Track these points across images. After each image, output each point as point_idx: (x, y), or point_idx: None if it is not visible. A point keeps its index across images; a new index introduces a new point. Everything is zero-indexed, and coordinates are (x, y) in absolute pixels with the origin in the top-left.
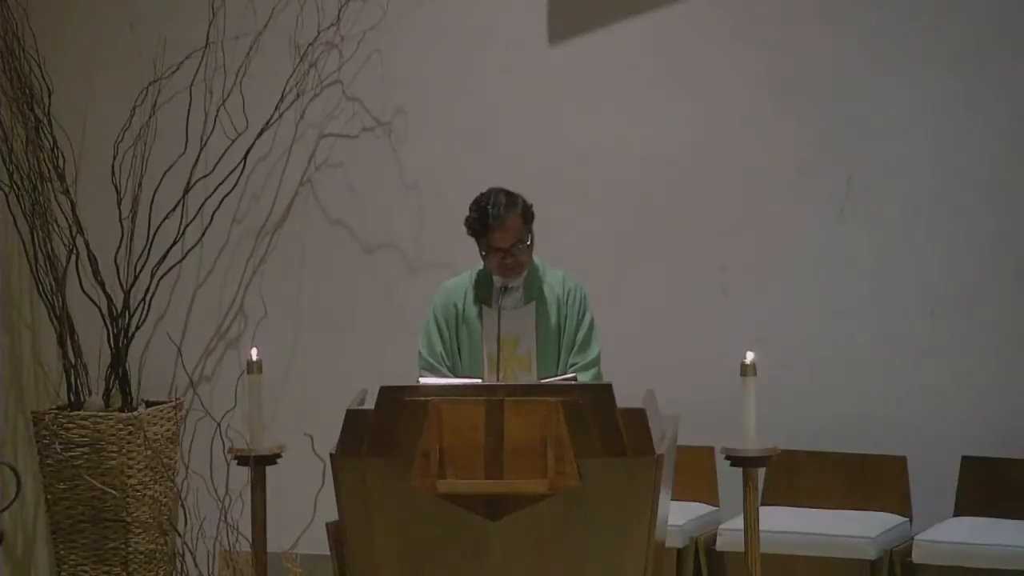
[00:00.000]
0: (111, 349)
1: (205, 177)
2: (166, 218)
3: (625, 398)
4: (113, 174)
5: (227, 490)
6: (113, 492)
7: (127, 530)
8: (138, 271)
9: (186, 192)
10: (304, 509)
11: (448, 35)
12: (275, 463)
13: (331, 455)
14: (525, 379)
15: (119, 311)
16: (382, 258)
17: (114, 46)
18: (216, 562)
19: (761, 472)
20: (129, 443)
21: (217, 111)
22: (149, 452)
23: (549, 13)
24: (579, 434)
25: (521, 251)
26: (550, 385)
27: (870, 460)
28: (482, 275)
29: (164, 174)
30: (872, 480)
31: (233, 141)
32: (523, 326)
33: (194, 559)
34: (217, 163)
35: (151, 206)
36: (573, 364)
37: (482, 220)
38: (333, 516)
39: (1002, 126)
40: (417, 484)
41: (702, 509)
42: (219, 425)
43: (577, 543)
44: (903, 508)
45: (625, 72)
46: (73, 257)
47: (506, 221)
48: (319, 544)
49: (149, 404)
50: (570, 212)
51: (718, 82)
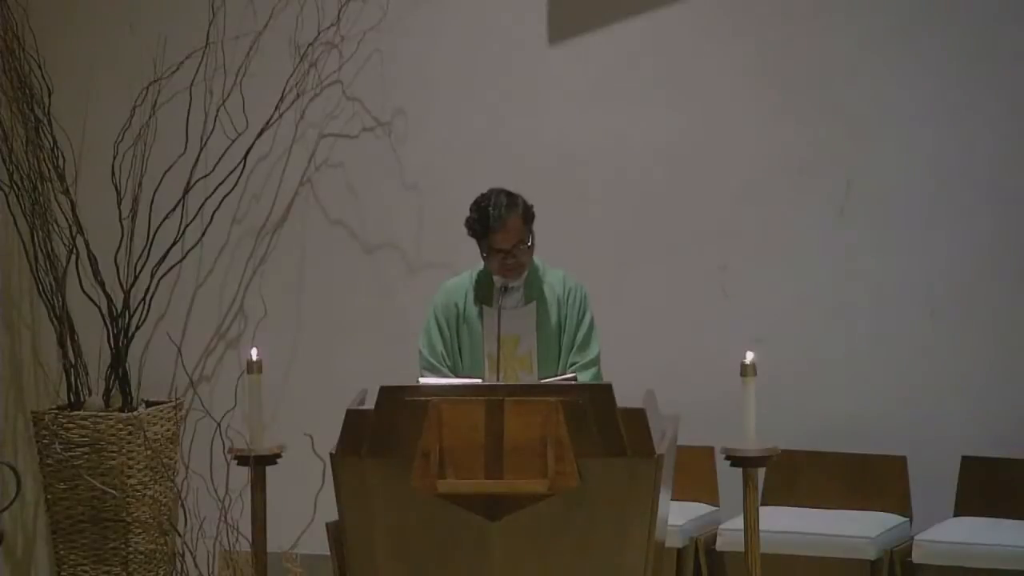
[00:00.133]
0: (111, 349)
1: (205, 177)
2: (166, 218)
3: (625, 398)
4: (113, 174)
5: (227, 490)
6: (113, 492)
7: (127, 530)
8: (138, 271)
9: (186, 192)
10: (304, 509)
11: (448, 35)
12: (275, 463)
13: (331, 455)
14: (526, 379)
15: (119, 311)
16: (382, 258)
17: (114, 46)
18: (216, 562)
19: (761, 472)
20: (129, 443)
21: (217, 111)
22: (149, 452)
23: (549, 13)
24: (579, 434)
25: (522, 252)
26: (550, 385)
27: (870, 460)
28: (482, 275)
29: (164, 174)
30: (872, 480)
31: (233, 141)
32: (523, 326)
33: (194, 559)
34: (217, 163)
35: (151, 206)
36: (573, 363)
37: (483, 221)
38: (333, 516)
39: (1002, 126)
40: (417, 484)
41: (702, 509)
42: (219, 425)
43: (577, 543)
44: (903, 508)
45: (625, 72)
46: (73, 257)
47: (507, 222)
48: (319, 544)
49: (149, 404)
50: (570, 212)
51: (718, 82)
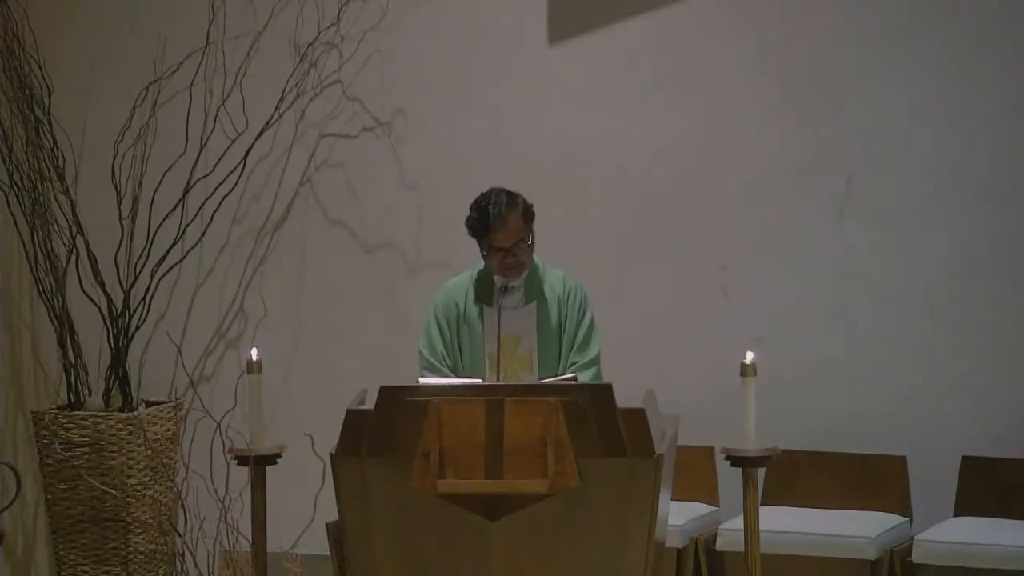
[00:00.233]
0: (111, 349)
1: (205, 177)
2: (166, 218)
3: (625, 398)
4: (113, 174)
5: (227, 490)
6: (113, 492)
7: (127, 530)
8: (138, 271)
9: (186, 192)
10: (304, 509)
11: (448, 35)
12: (275, 463)
13: (331, 455)
14: (526, 379)
15: (119, 311)
16: (382, 258)
17: (114, 46)
18: (216, 562)
19: (761, 472)
20: (129, 443)
21: (217, 111)
22: (149, 452)
23: (549, 13)
24: (579, 434)
25: (522, 251)
26: (550, 385)
27: (870, 460)
28: (483, 275)
29: (164, 174)
30: (872, 480)
31: (233, 141)
32: (524, 326)
33: (194, 559)
34: (217, 163)
35: (151, 206)
36: (573, 363)
37: (483, 220)
38: (333, 516)
39: (1002, 126)
40: (417, 484)
41: (702, 509)
42: (219, 425)
43: (577, 543)
44: (903, 508)
45: (625, 72)
46: (73, 257)
47: (507, 221)
48: (319, 544)
49: (149, 404)
50: (570, 212)
51: (718, 82)
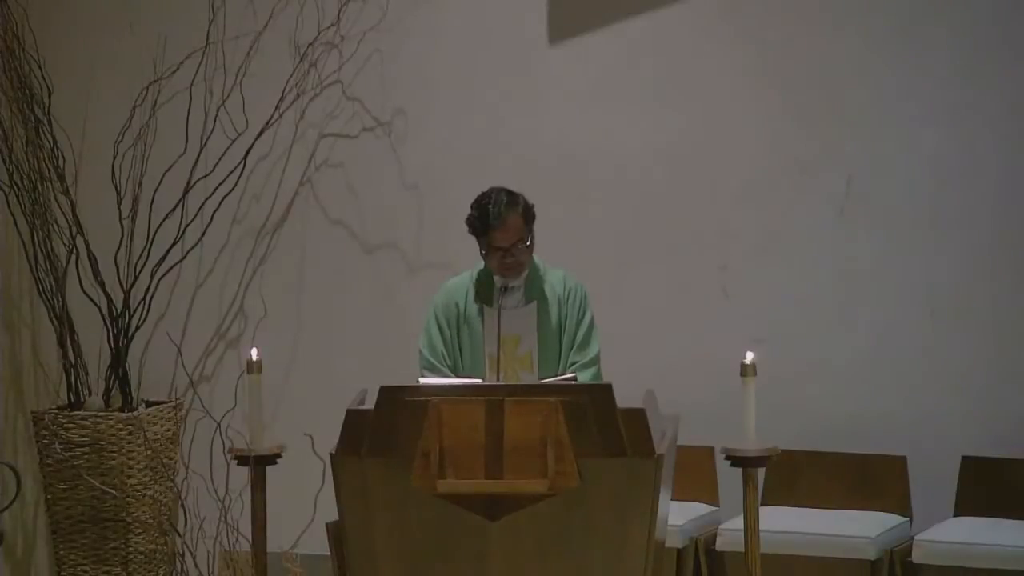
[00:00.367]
0: (111, 349)
1: (205, 177)
2: (166, 218)
3: (625, 398)
4: (113, 174)
5: (227, 490)
6: (113, 492)
7: (127, 530)
8: (138, 271)
9: (186, 192)
10: (304, 509)
11: (448, 35)
12: (275, 463)
13: (331, 455)
14: (526, 379)
15: (119, 311)
16: (382, 258)
17: (114, 46)
18: (216, 562)
19: (761, 472)
20: (129, 443)
21: (217, 111)
22: (149, 452)
23: (549, 13)
24: (579, 434)
25: (522, 251)
26: (550, 385)
27: (870, 460)
28: (483, 275)
29: (164, 174)
30: (872, 480)
31: (233, 141)
32: (524, 326)
33: (194, 559)
34: (217, 163)
35: (151, 206)
36: (573, 363)
37: (483, 219)
38: (333, 516)
39: (1002, 126)
40: (417, 484)
41: (702, 509)
42: (219, 425)
43: (577, 543)
44: (903, 508)
45: (625, 72)
46: (73, 257)
47: (507, 220)
48: (319, 544)
49: (149, 404)
50: (570, 212)
51: (718, 82)
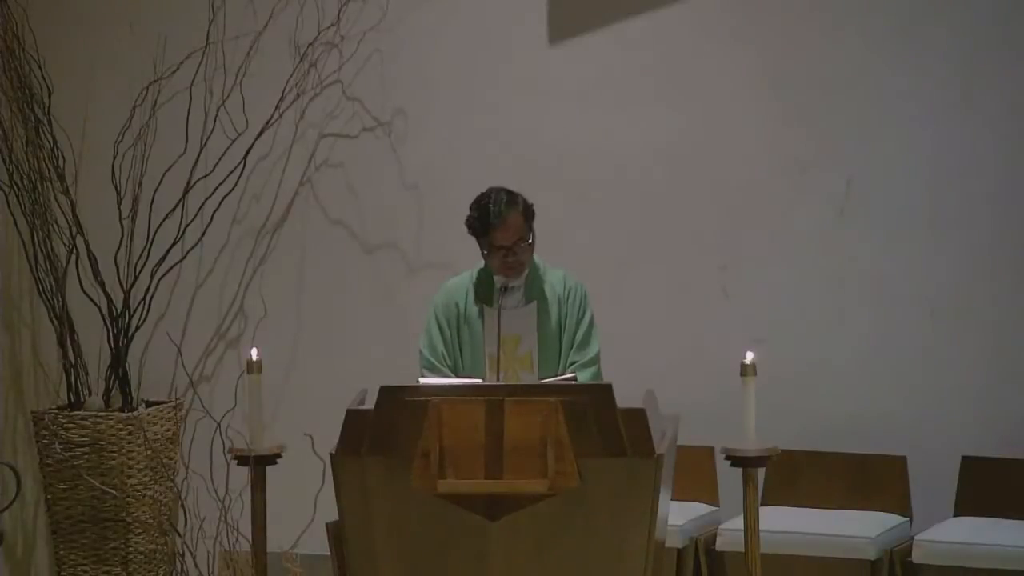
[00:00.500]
0: (111, 349)
1: (205, 177)
2: (166, 218)
3: (625, 398)
4: (113, 174)
5: (227, 490)
6: (113, 492)
7: (127, 530)
8: (138, 271)
9: (186, 192)
10: (304, 509)
11: (448, 35)
12: (275, 463)
13: (331, 455)
14: (527, 379)
15: (119, 311)
16: (382, 258)
17: (114, 46)
18: (216, 562)
19: (761, 472)
20: (129, 443)
21: (217, 111)
22: (149, 452)
23: (549, 13)
24: (579, 434)
25: (522, 249)
26: (550, 385)
27: (870, 460)
28: (483, 274)
29: (164, 174)
30: (872, 480)
31: (233, 141)
32: (524, 326)
33: (194, 559)
34: (217, 163)
35: (151, 206)
36: (573, 362)
37: (483, 218)
38: (333, 516)
39: (1002, 126)
40: (417, 484)
41: (702, 509)
42: (219, 425)
43: (577, 543)
44: (903, 508)
45: (625, 72)
46: (73, 257)
47: (507, 218)
48: (319, 544)
49: (149, 404)
50: (570, 212)
51: (718, 82)
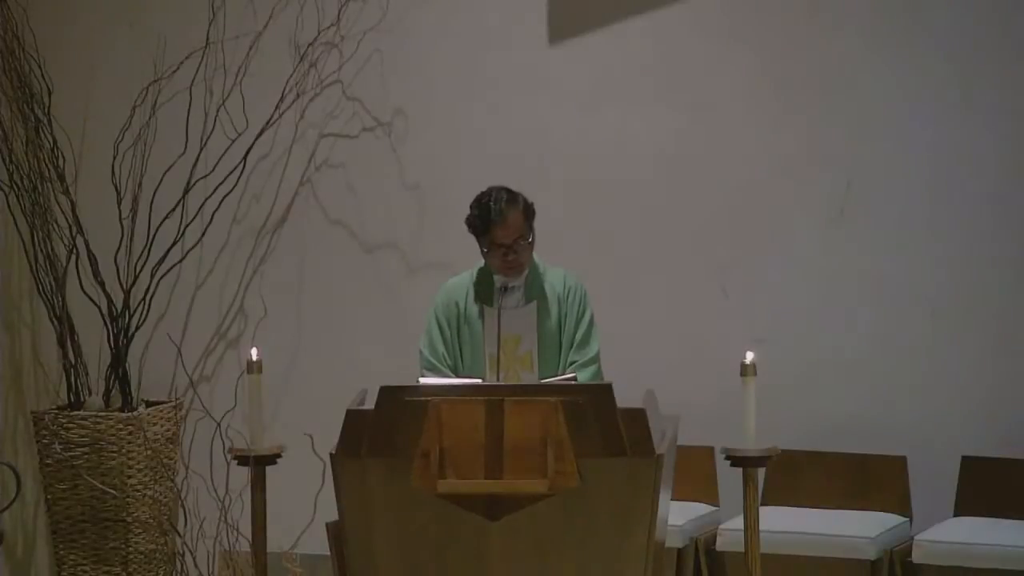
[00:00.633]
0: (111, 349)
1: (205, 177)
2: (166, 218)
3: (625, 398)
4: (113, 174)
5: (227, 490)
6: (113, 492)
7: (127, 530)
8: (138, 271)
9: (186, 192)
10: (304, 509)
11: (448, 35)
12: (275, 463)
13: (331, 455)
14: (527, 378)
15: (119, 311)
16: (382, 258)
17: (114, 46)
18: (216, 562)
19: (761, 472)
20: (129, 443)
21: (217, 111)
22: (149, 452)
23: (549, 13)
24: (579, 434)
25: (523, 248)
26: (550, 385)
27: (870, 460)
28: (483, 274)
29: (164, 174)
30: (872, 480)
31: (233, 141)
32: (524, 325)
33: (194, 559)
34: (217, 163)
35: (151, 206)
36: (572, 362)
37: (484, 216)
38: (333, 516)
39: (1002, 126)
40: (417, 484)
41: (702, 509)
42: (219, 425)
43: (577, 543)
44: (903, 508)
45: (625, 72)
46: (73, 257)
47: (508, 217)
48: (319, 544)
49: (149, 404)
50: (570, 212)
51: (718, 82)
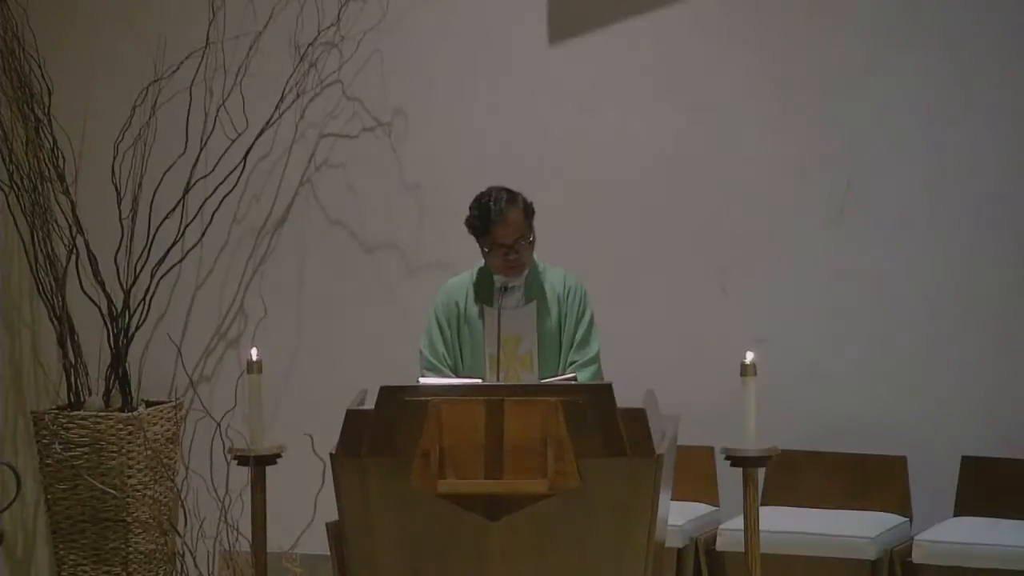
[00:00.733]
0: (111, 349)
1: (205, 177)
2: (166, 218)
3: (625, 398)
4: (113, 174)
5: (227, 490)
6: (113, 492)
7: (127, 530)
8: (138, 271)
9: (186, 192)
10: (304, 509)
11: (448, 35)
12: (275, 463)
13: (331, 455)
14: (527, 379)
15: (119, 311)
16: (382, 258)
17: (114, 46)
18: (216, 562)
19: (761, 472)
20: (129, 443)
21: (217, 111)
22: (149, 452)
23: (549, 13)
24: (579, 434)
25: (523, 248)
26: (550, 385)
27: (870, 460)
28: (483, 274)
29: (164, 174)
30: (872, 480)
31: (233, 141)
32: (524, 325)
33: (194, 559)
34: (217, 163)
35: (151, 206)
36: (572, 361)
37: (484, 216)
38: (333, 516)
39: (1002, 126)
40: (417, 484)
41: (702, 509)
42: (219, 425)
43: (577, 543)
44: (903, 508)
45: (625, 72)
46: (73, 257)
47: (508, 216)
48: (319, 544)
49: (149, 404)
50: (570, 212)
51: (718, 82)
